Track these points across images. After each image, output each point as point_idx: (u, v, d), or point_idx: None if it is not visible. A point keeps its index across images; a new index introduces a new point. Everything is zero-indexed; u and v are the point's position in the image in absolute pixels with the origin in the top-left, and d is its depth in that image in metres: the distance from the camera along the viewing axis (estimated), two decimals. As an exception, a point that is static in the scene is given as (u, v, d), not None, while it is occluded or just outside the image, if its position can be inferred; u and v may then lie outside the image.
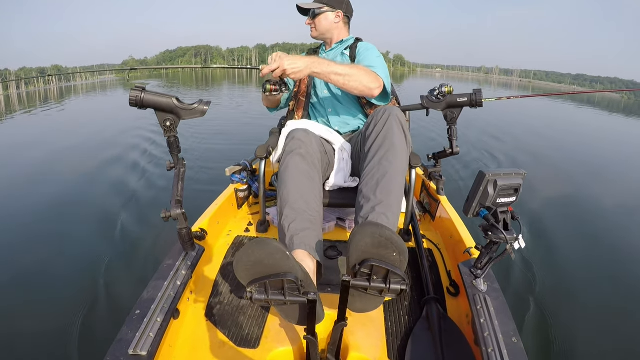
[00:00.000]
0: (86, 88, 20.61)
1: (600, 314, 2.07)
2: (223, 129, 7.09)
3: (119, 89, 19.44)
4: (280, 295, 0.92)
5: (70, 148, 5.90)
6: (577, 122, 11.28)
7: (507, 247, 1.07)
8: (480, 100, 1.76)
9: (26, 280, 2.25)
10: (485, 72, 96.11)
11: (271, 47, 68.04)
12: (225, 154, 5.07)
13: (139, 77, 28.14)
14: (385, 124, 1.34)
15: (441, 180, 1.95)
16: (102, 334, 1.79)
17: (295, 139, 1.41)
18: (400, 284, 0.89)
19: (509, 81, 72.78)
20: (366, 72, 1.50)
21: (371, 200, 1.23)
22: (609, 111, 15.28)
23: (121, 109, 9.89)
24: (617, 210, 3.70)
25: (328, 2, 1.76)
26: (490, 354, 0.97)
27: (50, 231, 2.94)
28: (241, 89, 19.58)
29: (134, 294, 1.20)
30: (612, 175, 5.17)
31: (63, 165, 4.84)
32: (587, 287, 2.31)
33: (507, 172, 1.07)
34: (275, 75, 1.37)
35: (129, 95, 1.15)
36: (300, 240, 1.18)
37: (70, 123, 9.52)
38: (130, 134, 6.59)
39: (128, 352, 0.95)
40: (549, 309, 2.03)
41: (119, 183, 4.02)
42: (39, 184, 4.10)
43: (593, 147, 7.41)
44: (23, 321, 1.92)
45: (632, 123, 13.60)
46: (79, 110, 12.60)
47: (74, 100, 15.77)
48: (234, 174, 1.99)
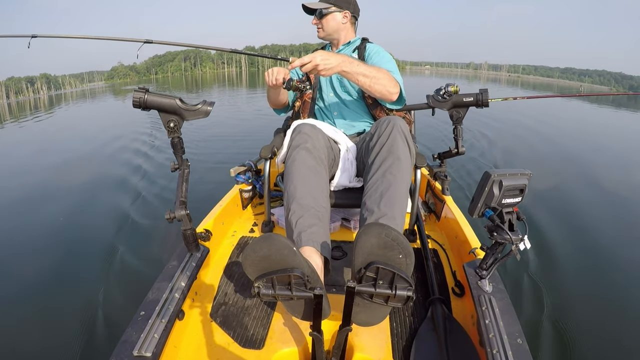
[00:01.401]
0: (76, 95, 20.71)
1: (607, 314, 2.05)
2: (225, 129, 7.12)
3: (109, 96, 19.48)
4: (287, 291, 0.92)
5: (75, 153, 5.96)
6: (565, 117, 11.20)
7: (512, 248, 1.06)
8: (487, 100, 1.74)
9: (32, 284, 2.28)
10: (474, 68, 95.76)
11: (260, 48, 68.27)
12: (229, 155, 5.09)
13: (128, 83, 28.42)
14: (390, 136, 1.33)
15: (446, 180, 1.94)
16: (107, 335, 1.81)
17: (302, 133, 1.40)
18: (407, 290, 0.88)
19: (497, 76, 72.43)
20: (390, 77, 1.51)
21: (375, 212, 1.23)
22: (597, 104, 15.23)
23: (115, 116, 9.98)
24: (627, 209, 3.67)
25: (335, 2, 1.74)
26: (495, 355, 0.96)
27: (55, 234, 2.98)
28: (231, 90, 19.65)
29: (138, 295, 1.20)
30: (618, 170, 5.12)
31: (69, 172, 4.87)
32: (593, 288, 2.29)
33: (513, 172, 1.06)
34: (305, 70, 1.35)
35: (132, 97, 1.15)
36: (308, 237, 1.18)
37: (69, 130, 9.58)
38: (131, 137, 6.68)
39: (133, 353, 0.96)
40: (555, 309, 2.01)
41: (121, 184, 4.06)
42: (45, 192, 4.15)
43: (594, 142, 7.32)
44: (30, 324, 1.94)
45: (623, 115, 13.76)
46: (74, 117, 12.70)
47: (66, 108, 15.77)
48: (238, 175, 2.00)
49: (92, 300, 2.08)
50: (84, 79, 39.94)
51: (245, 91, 18.30)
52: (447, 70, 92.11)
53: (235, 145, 5.78)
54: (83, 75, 40.89)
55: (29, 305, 2.08)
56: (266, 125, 5.85)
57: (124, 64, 50.68)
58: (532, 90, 26.94)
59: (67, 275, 2.37)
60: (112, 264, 2.45)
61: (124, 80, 41.45)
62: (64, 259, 2.55)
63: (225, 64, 54.55)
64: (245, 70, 49.48)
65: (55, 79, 35.68)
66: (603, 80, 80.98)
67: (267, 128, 2.37)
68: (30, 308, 2.05)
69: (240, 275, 1.47)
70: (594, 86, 71.63)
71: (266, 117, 7.83)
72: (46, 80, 30.71)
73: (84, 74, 40.98)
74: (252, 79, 31.47)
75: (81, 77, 39.79)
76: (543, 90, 30.58)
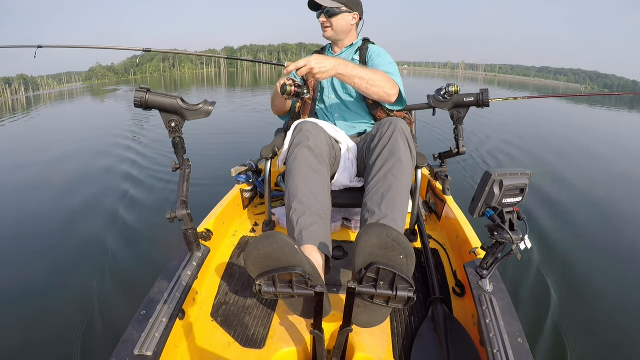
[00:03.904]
0: (54, 97, 20.68)
1: (608, 314, 2.05)
2: (226, 130, 7.13)
3: (87, 97, 19.42)
4: (289, 288, 0.93)
5: (70, 152, 5.95)
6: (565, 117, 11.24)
7: (513, 248, 1.06)
8: (487, 100, 1.74)
9: (32, 284, 2.28)
10: (452, 67, 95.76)
11: (239, 49, 67.99)
12: (230, 155, 5.10)
13: (107, 84, 28.43)
14: (391, 138, 1.33)
15: (447, 180, 1.94)
16: (108, 334, 1.81)
17: (304, 131, 1.40)
18: (408, 291, 0.88)
19: (474, 75, 72.46)
20: (387, 79, 1.50)
21: (376, 214, 1.23)
22: (574, 102, 15.40)
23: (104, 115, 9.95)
24: (627, 206, 3.66)
25: (346, 3, 1.69)
26: (496, 355, 0.96)
27: (55, 234, 2.98)
28: (210, 90, 19.64)
29: (139, 295, 1.20)
30: (618, 170, 5.12)
31: (60, 173, 4.85)
32: (594, 287, 2.29)
33: (513, 172, 1.06)
34: (301, 74, 1.35)
35: (133, 97, 1.15)
36: (309, 235, 1.18)
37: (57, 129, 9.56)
38: (128, 135, 6.72)
39: (134, 352, 0.96)
40: (556, 309, 2.02)
41: (121, 185, 4.07)
42: (42, 190, 4.17)
43: (593, 141, 7.31)
44: (30, 323, 1.94)
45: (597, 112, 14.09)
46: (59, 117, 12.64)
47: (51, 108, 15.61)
48: (239, 175, 2.00)
49: (92, 300, 2.08)
50: (62, 80, 39.71)
51: (225, 91, 18.30)
52: (424, 70, 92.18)
53: (236, 145, 5.78)
54: (61, 76, 40.60)
55: (29, 306, 2.08)
56: (267, 125, 5.86)
57: (102, 64, 50.48)
58: (509, 88, 27.06)
59: (67, 275, 2.38)
60: (113, 264, 2.45)
61: (102, 81, 41.47)
62: (63, 260, 2.56)
63: (204, 64, 54.43)
64: (224, 70, 49.47)
65: (33, 79, 35.38)
66: (578, 78, 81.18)
67: (268, 128, 2.37)
68: (30, 309, 2.06)
69: (241, 275, 1.47)
70: (569, 85, 71.64)
71: (266, 116, 7.84)
72: (24, 82, 30.40)
73: (62, 74, 40.70)
74: (231, 79, 31.54)
75: (59, 78, 39.55)
76: (519, 88, 30.78)
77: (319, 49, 1.98)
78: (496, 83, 40.71)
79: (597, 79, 78.63)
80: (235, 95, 16.08)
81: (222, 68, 52.08)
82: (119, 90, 21.78)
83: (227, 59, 1.72)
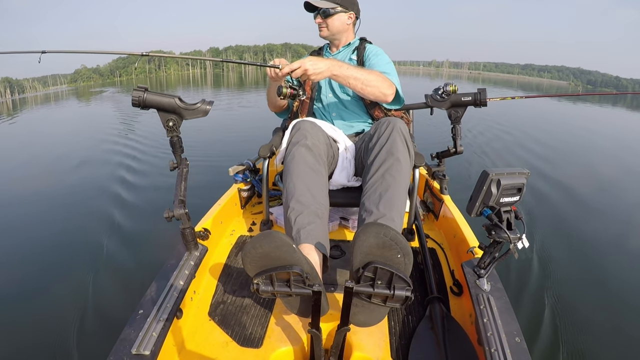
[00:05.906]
0: (40, 99, 20.52)
1: (606, 313, 2.06)
2: (226, 129, 7.12)
3: (72, 99, 19.26)
4: (286, 287, 0.93)
5: (64, 154, 5.91)
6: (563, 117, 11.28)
7: (510, 247, 1.06)
8: (485, 100, 1.75)
9: (27, 284, 2.28)
10: (436, 65, 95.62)
11: (224, 49, 67.54)
12: (228, 154, 5.09)
13: (92, 86, 28.31)
14: (389, 138, 1.33)
15: (445, 179, 1.94)
16: (105, 333, 1.80)
17: (302, 130, 1.40)
18: (405, 290, 0.88)
19: (459, 73, 72.34)
20: (382, 79, 1.50)
21: (374, 213, 1.23)
22: (557, 99, 15.50)
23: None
24: (625, 207, 3.68)
25: (342, 3, 1.70)
26: (494, 354, 0.97)
27: (52, 233, 2.97)
28: (195, 91, 19.58)
29: (137, 294, 1.20)
30: (617, 169, 5.14)
31: (56, 173, 4.82)
32: (592, 287, 2.30)
33: (511, 171, 1.06)
34: (295, 76, 1.36)
35: (131, 96, 1.15)
36: (307, 234, 1.18)
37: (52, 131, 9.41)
38: (123, 135, 6.70)
39: (131, 351, 0.95)
40: (553, 308, 2.02)
41: (120, 185, 4.05)
42: (37, 190, 4.14)
43: (592, 141, 7.34)
44: (26, 322, 1.94)
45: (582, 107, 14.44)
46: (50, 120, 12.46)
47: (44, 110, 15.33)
48: (237, 174, 2.00)
49: (90, 299, 2.08)
50: (47, 82, 39.41)
51: (211, 91, 18.26)
52: (409, 68, 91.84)
53: (234, 145, 5.77)
54: (46, 78, 40.30)
55: (24, 306, 2.07)
56: (265, 125, 5.85)
57: (87, 66, 50.20)
58: (494, 85, 27.12)
59: (63, 275, 2.37)
60: (110, 263, 2.44)
61: (88, 83, 41.22)
62: (59, 259, 2.55)
63: (189, 65, 54.15)
64: (210, 71, 49.45)
65: (18, 82, 35.08)
66: (562, 75, 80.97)
67: (266, 127, 2.37)
68: (26, 308, 2.05)
69: (239, 274, 1.47)
70: (553, 81, 71.58)
71: (265, 116, 7.82)
72: (9, 85, 30.03)
73: (48, 77, 40.38)
74: (217, 80, 31.47)
75: (44, 81, 39.30)
76: (504, 85, 30.86)
77: (318, 48, 1.98)
78: (480, 80, 40.66)
79: (581, 75, 78.46)
80: (222, 95, 16.01)
81: (208, 69, 52.01)
82: (106, 92, 21.69)
83: (224, 62, 1.72)
